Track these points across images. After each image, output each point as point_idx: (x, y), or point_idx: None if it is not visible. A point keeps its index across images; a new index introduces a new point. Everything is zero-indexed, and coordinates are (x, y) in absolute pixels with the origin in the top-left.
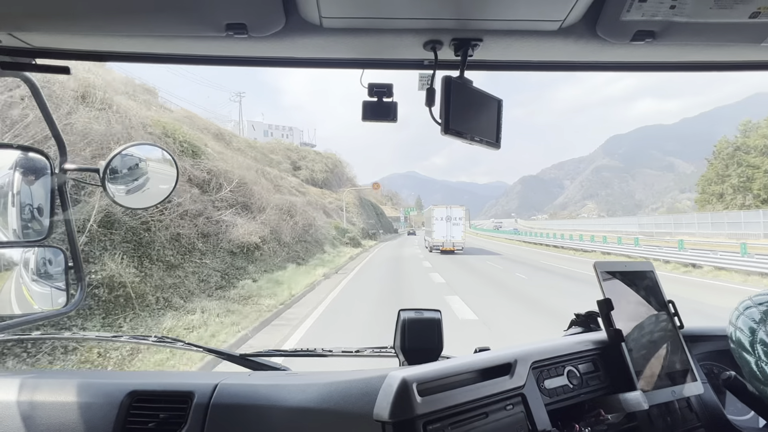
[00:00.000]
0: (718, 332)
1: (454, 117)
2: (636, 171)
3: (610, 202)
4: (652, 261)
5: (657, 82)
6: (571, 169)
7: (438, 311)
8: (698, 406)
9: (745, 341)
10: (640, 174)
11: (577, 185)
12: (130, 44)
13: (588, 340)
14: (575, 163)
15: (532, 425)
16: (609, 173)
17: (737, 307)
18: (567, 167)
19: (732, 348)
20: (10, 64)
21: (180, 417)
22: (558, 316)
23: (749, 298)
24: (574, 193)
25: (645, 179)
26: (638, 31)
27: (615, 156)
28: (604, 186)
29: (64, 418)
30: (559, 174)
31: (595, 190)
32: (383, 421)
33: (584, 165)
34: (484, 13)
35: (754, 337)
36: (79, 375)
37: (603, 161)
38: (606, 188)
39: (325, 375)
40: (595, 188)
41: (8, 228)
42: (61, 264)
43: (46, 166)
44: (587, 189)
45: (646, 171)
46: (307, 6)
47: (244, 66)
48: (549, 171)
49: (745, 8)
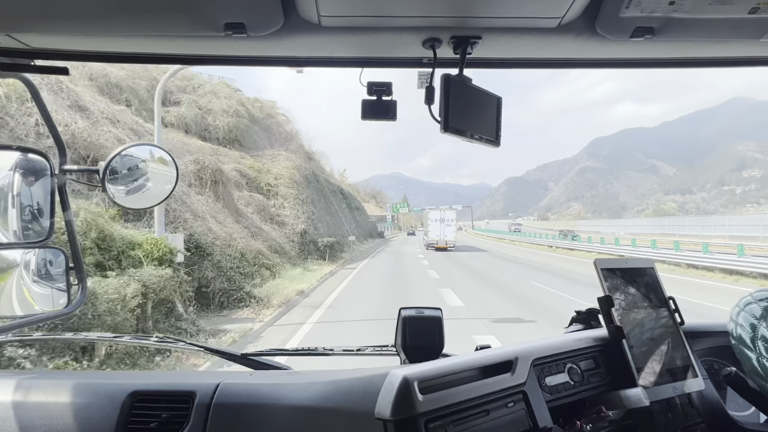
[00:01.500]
0: (719, 328)
1: (454, 115)
2: (620, 173)
3: (595, 203)
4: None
5: (637, 85)
6: (556, 170)
7: (439, 309)
8: (699, 402)
9: (746, 337)
10: (624, 176)
11: (561, 187)
12: (129, 45)
13: (589, 337)
14: (559, 165)
15: (534, 422)
16: (593, 175)
17: (738, 304)
18: (551, 169)
19: (733, 344)
20: (8, 65)
21: (182, 417)
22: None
23: (750, 295)
24: (559, 194)
25: (629, 181)
26: (637, 27)
27: (599, 158)
28: (588, 187)
29: (66, 419)
30: (544, 175)
31: (581, 191)
32: (385, 419)
33: (568, 166)
34: (483, 10)
35: (755, 334)
36: (80, 375)
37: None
38: (591, 190)
39: (326, 374)
40: (580, 190)
41: (9, 229)
42: (61, 265)
43: (46, 167)
44: (572, 191)
45: (630, 173)
46: (305, 5)
47: (243, 65)
48: (533, 173)
49: (744, 4)
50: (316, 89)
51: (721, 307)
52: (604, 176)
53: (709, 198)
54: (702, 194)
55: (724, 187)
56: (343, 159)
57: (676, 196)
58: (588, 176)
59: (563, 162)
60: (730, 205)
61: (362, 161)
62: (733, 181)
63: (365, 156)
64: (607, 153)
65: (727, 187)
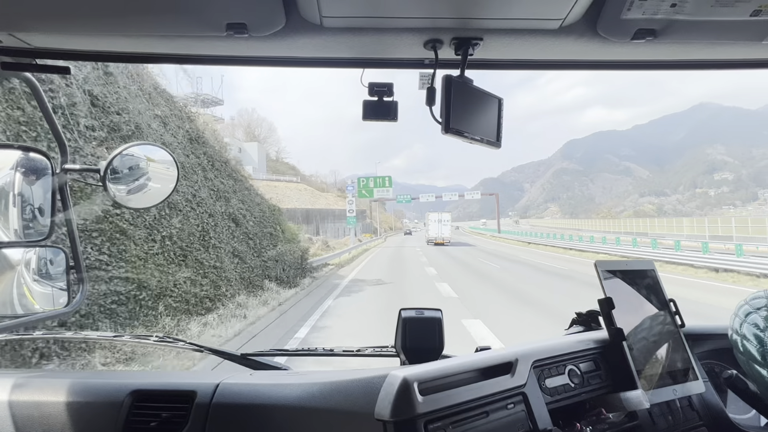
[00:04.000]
0: (720, 331)
1: (455, 116)
2: (595, 175)
3: (572, 204)
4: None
5: (607, 90)
6: (531, 172)
7: (439, 310)
8: (699, 405)
9: (754, 352)
10: (599, 178)
11: (538, 188)
12: (131, 44)
13: (589, 339)
14: (534, 167)
15: (533, 424)
16: (569, 177)
17: (737, 314)
18: (526, 170)
19: (740, 359)
20: (10, 64)
21: (182, 417)
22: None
23: (746, 303)
24: (536, 195)
25: (604, 183)
26: (639, 29)
27: (573, 159)
28: (565, 189)
29: (66, 418)
30: (520, 177)
31: (557, 193)
32: (384, 420)
33: (543, 168)
34: (485, 12)
35: (764, 348)
36: (80, 375)
37: (562, 164)
38: (567, 191)
39: (326, 374)
40: (557, 191)
41: (9, 228)
42: (62, 264)
43: (47, 166)
44: (549, 192)
45: (605, 175)
46: (307, 5)
47: (244, 66)
48: (509, 174)
49: (746, 6)
50: (291, 91)
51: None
52: (580, 178)
53: (684, 200)
54: (676, 196)
55: (697, 189)
56: (319, 160)
57: (651, 198)
58: (564, 178)
59: (538, 164)
60: (706, 207)
61: (337, 162)
62: (705, 183)
63: (339, 157)
64: (580, 155)
65: (700, 190)
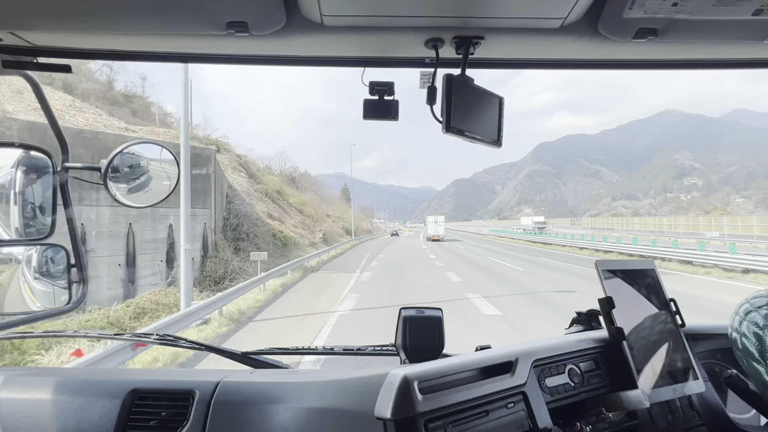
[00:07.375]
0: (720, 330)
1: (456, 115)
2: (566, 177)
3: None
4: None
5: (574, 96)
6: (502, 174)
7: (439, 309)
8: (699, 405)
9: (752, 349)
10: (570, 180)
11: (511, 190)
12: (132, 43)
13: (589, 339)
14: (506, 168)
15: (533, 423)
16: (541, 179)
17: (737, 312)
18: (498, 172)
19: (738, 356)
20: (11, 62)
21: (182, 415)
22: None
23: (747, 301)
24: (509, 197)
25: (576, 186)
26: (640, 28)
27: (545, 162)
28: (538, 191)
29: (66, 416)
30: (491, 178)
31: (530, 195)
32: (384, 419)
33: (515, 170)
34: (486, 11)
35: (763, 346)
36: (80, 373)
37: (534, 167)
38: (540, 193)
39: (326, 373)
40: (530, 193)
41: (10, 226)
42: (63, 262)
43: (48, 164)
44: (522, 194)
45: (577, 178)
46: (308, 4)
47: (245, 64)
48: (481, 175)
49: (747, 6)
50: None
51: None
52: (552, 180)
53: (656, 204)
54: (648, 200)
55: (667, 194)
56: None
57: (624, 201)
58: (536, 180)
59: (510, 165)
60: (680, 211)
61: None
62: (675, 188)
63: (309, 155)
64: (551, 158)
65: (670, 194)
